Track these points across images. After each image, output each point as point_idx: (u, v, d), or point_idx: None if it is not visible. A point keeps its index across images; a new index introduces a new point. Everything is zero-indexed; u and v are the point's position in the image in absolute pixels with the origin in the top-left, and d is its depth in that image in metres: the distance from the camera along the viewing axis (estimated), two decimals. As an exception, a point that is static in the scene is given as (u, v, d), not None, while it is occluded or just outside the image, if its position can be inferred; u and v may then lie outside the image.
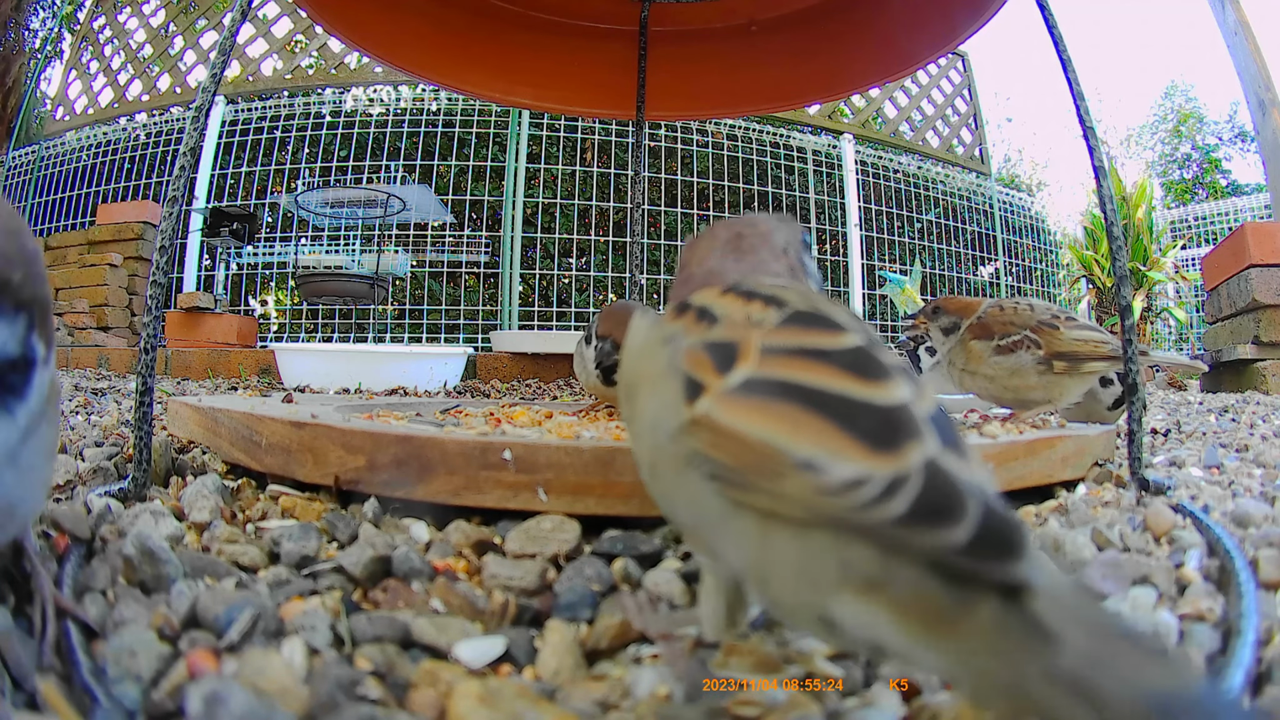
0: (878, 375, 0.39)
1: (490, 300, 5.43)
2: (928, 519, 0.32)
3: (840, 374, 0.39)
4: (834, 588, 0.34)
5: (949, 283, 6.50)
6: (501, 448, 0.71)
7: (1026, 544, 0.32)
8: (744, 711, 0.42)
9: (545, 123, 5.62)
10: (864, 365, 0.39)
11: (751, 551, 0.38)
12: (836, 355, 0.40)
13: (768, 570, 0.37)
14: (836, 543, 0.34)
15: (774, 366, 0.40)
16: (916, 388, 0.40)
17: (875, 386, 0.38)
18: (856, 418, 0.36)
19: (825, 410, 0.37)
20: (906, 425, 0.36)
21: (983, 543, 0.31)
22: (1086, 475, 1.00)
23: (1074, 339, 1.26)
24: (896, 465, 0.33)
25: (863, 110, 6.52)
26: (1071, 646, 0.29)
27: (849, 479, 0.33)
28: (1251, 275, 3.91)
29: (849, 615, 0.34)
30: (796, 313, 0.44)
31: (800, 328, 0.43)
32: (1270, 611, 0.54)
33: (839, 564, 0.34)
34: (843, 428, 0.36)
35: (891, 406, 0.37)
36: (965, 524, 0.31)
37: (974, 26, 1.40)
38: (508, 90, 1.92)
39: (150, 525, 0.66)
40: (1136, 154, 16.01)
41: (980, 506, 0.32)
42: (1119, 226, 0.96)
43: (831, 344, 0.41)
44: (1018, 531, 0.32)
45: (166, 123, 5.86)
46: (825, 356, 0.40)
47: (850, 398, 0.37)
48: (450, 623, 0.52)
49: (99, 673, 0.44)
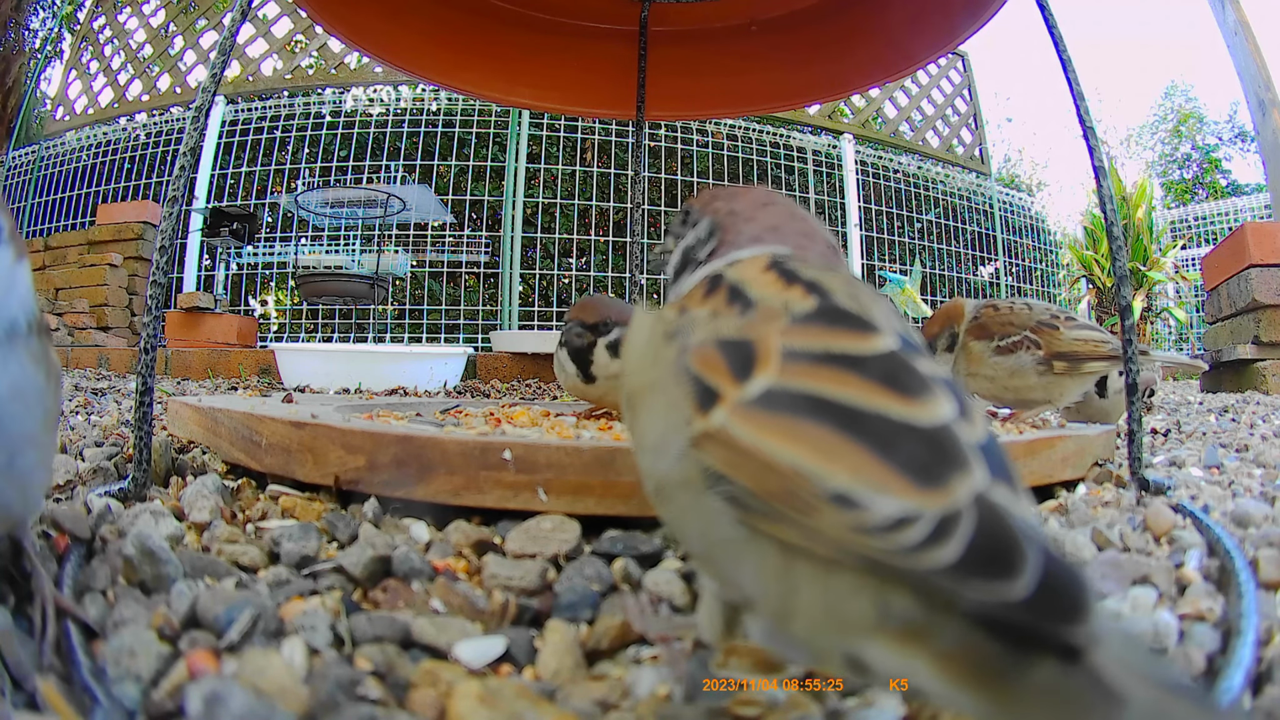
0: (916, 390, 0.34)
1: (490, 300, 5.43)
2: (982, 568, 0.28)
3: (874, 389, 0.34)
4: (867, 632, 0.31)
5: (949, 283, 6.50)
6: (501, 448, 0.71)
7: (1092, 600, 0.28)
8: (744, 711, 0.42)
9: (545, 123, 5.62)
10: (900, 377, 0.35)
11: (771, 585, 0.34)
12: (869, 364, 0.36)
13: (790, 607, 0.34)
14: (873, 584, 0.31)
15: (799, 376, 0.36)
16: (959, 402, 0.35)
17: (915, 404, 0.34)
18: (896, 443, 0.32)
19: (861, 434, 0.32)
20: (953, 453, 0.32)
21: (1046, 599, 0.28)
22: (1086, 475, 1.00)
23: (1074, 339, 1.26)
24: (945, 502, 0.30)
25: (863, 110, 6.52)
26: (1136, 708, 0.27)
27: (892, 517, 0.29)
28: (1251, 275, 3.91)
29: (883, 660, 0.31)
30: (830, 308, 0.39)
31: (828, 326, 0.38)
32: (1270, 611, 0.54)
33: (875, 608, 0.31)
34: (881, 456, 0.31)
35: (934, 428, 0.33)
36: (1025, 577, 0.28)
37: (974, 26, 1.40)
38: (508, 90, 1.92)
39: (150, 525, 0.66)
40: (1136, 154, 16.02)
41: (1040, 555, 0.28)
42: (1119, 226, 0.96)
43: (862, 349, 0.37)
44: (1082, 586, 0.28)
45: (166, 123, 5.86)
46: (856, 365, 0.36)
47: (888, 418, 0.33)
48: (450, 623, 0.52)
49: (99, 673, 0.44)
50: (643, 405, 0.42)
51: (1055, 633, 0.28)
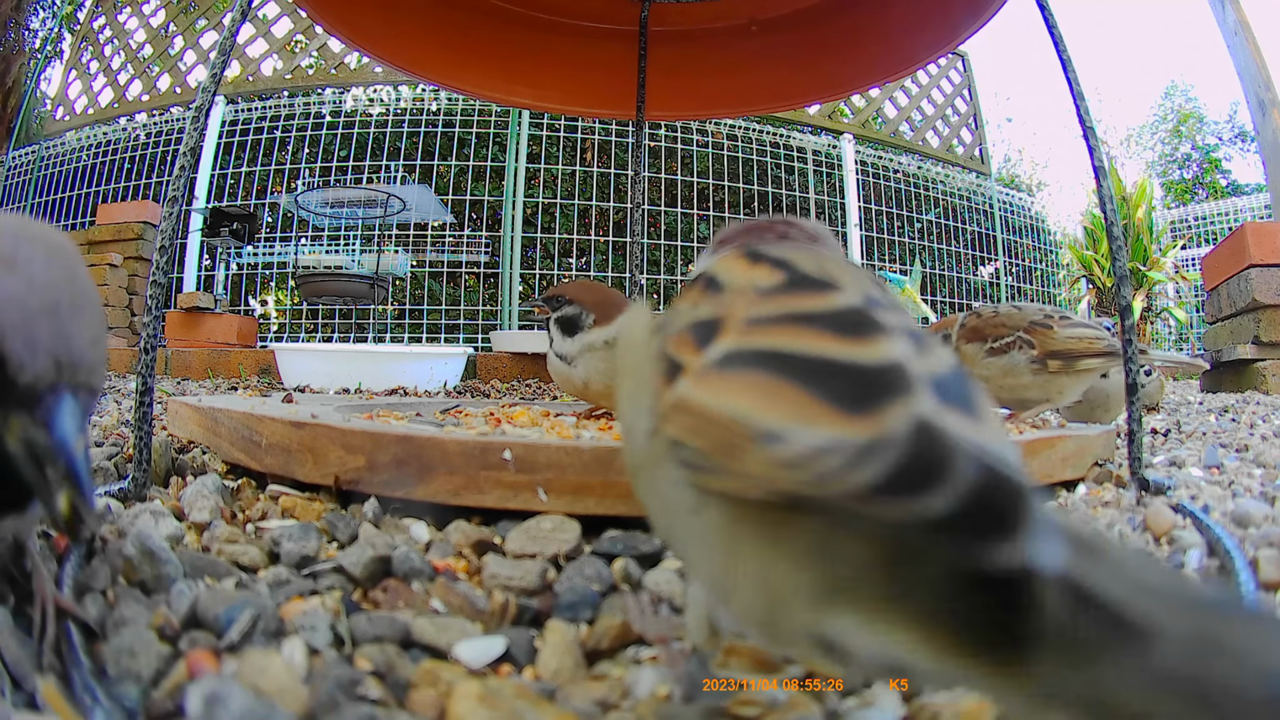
0: (867, 332, 0.33)
1: (490, 300, 5.43)
2: (903, 487, 0.26)
3: (822, 335, 0.33)
4: (824, 602, 0.29)
5: (949, 283, 6.50)
6: (501, 448, 0.71)
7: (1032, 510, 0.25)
8: (744, 711, 0.42)
9: (545, 123, 5.62)
10: (853, 324, 0.34)
11: (718, 553, 0.33)
12: (824, 317, 0.35)
13: (735, 577, 0.32)
14: (821, 537, 0.28)
15: (756, 336, 0.35)
16: (920, 345, 0.34)
17: (860, 345, 0.33)
18: (833, 380, 0.31)
19: (798, 375, 0.31)
20: (893, 384, 0.30)
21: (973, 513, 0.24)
22: (1086, 475, 1.00)
23: (1068, 337, 1.26)
24: (873, 428, 0.28)
25: (863, 110, 6.52)
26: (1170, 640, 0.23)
27: (814, 447, 0.27)
28: (1251, 275, 3.91)
29: (852, 636, 0.28)
30: (796, 277, 0.39)
31: (792, 293, 0.38)
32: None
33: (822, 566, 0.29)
34: (814, 392, 0.30)
35: (879, 365, 0.31)
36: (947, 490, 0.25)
37: (974, 26, 1.40)
38: (508, 90, 1.92)
39: (150, 525, 0.66)
40: (1136, 154, 16.02)
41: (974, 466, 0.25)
42: (1119, 226, 0.96)
43: (821, 306, 0.36)
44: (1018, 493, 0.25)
45: (166, 123, 5.86)
46: (810, 320, 0.35)
47: (830, 359, 0.32)
48: (450, 623, 0.52)
49: (99, 673, 0.44)
50: (625, 393, 0.43)
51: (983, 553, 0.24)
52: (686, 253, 5.69)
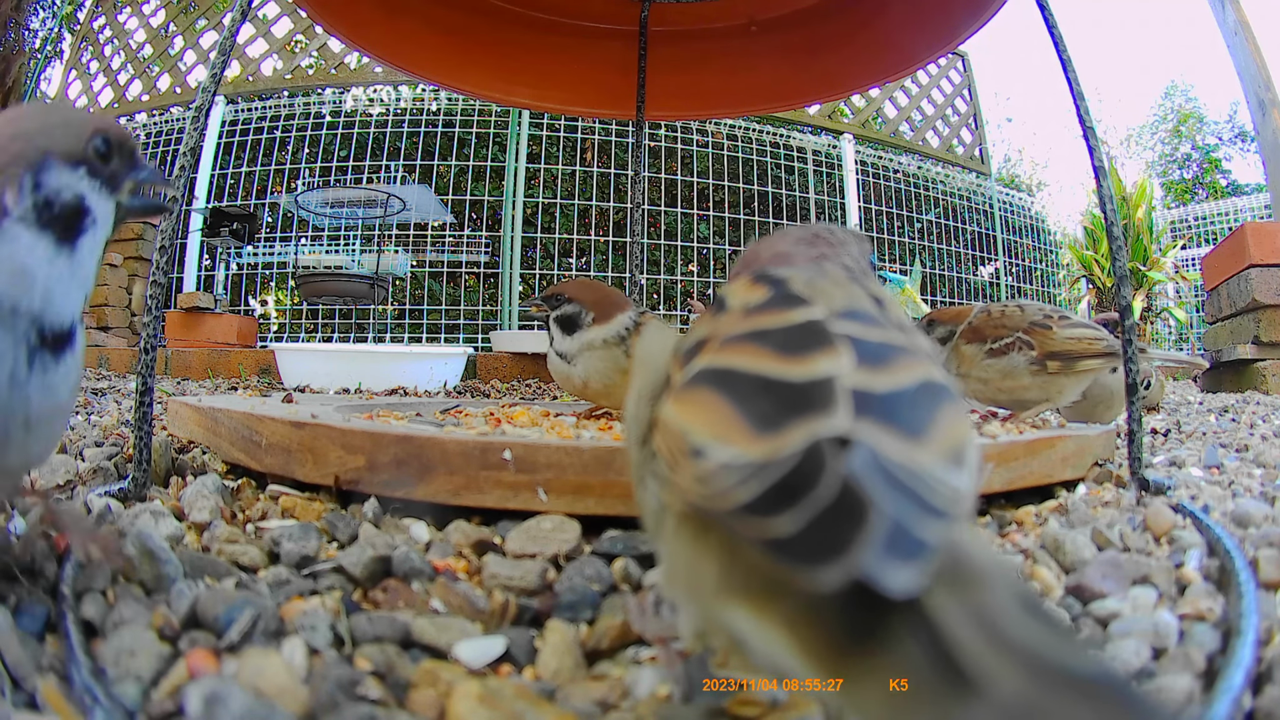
0: (807, 349, 0.34)
1: (490, 300, 5.43)
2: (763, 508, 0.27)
3: (765, 354, 0.35)
4: (725, 595, 0.31)
5: (949, 283, 6.50)
6: (501, 448, 0.71)
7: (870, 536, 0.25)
8: (744, 711, 0.42)
9: (545, 123, 5.62)
10: (799, 341, 0.35)
11: (667, 553, 0.37)
12: (775, 334, 0.36)
13: (674, 571, 0.36)
14: (728, 543, 0.31)
15: (721, 355, 0.37)
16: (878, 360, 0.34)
17: (795, 362, 0.33)
18: (759, 397, 0.32)
19: (734, 393, 0.33)
20: (811, 401, 0.31)
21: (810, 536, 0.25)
22: (1086, 475, 1.00)
23: (1067, 338, 1.26)
24: (771, 449, 0.29)
25: (863, 110, 6.52)
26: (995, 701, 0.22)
27: (723, 464, 0.29)
28: (1251, 275, 3.91)
29: (747, 632, 0.30)
30: (778, 296, 0.40)
31: (764, 311, 0.39)
32: (1270, 611, 0.54)
33: (727, 568, 0.31)
34: (739, 410, 0.32)
35: (804, 381, 0.32)
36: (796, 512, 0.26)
37: (974, 26, 1.40)
38: (508, 90, 1.92)
39: (150, 525, 0.66)
40: (1136, 154, 16.02)
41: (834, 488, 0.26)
42: (1119, 226, 0.96)
43: (778, 323, 0.37)
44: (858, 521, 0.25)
45: (166, 123, 5.86)
46: (762, 337, 0.36)
47: (764, 376, 0.33)
48: (450, 623, 0.52)
49: (99, 673, 0.44)
50: (630, 402, 0.45)
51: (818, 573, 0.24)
52: (686, 253, 5.69)
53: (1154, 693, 0.44)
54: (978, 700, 0.22)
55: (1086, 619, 0.56)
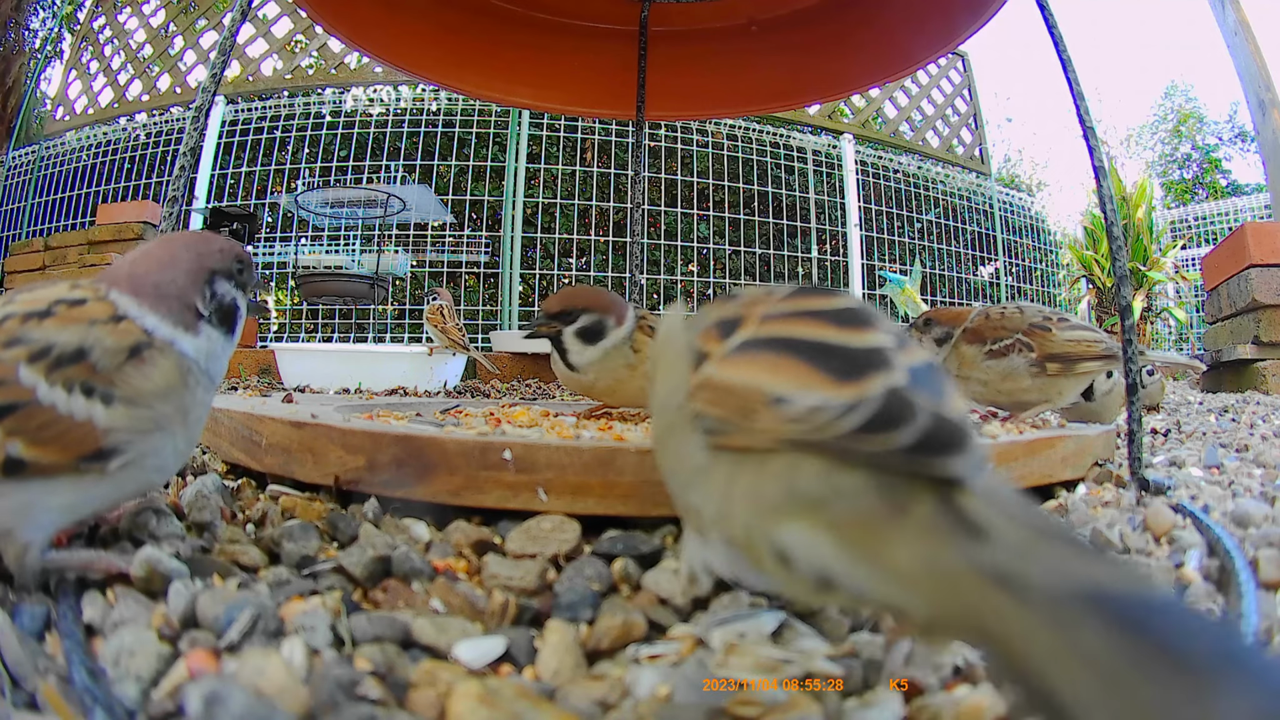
0: (860, 324, 0.42)
1: (490, 300, 5.42)
2: (880, 429, 0.35)
3: (824, 325, 0.42)
4: (781, 512, 0.38)
5: (949, 283, 6.50)
6: (501, 448, 0.71)
7: (969, 443, 0.34)
8: (744, 711, 0.42)
9: (545, 123, 5.61)
10: (849, 318, 0.43)
11: (719, 492, 0.42)
12: (827, 313, 0.44)
13: (730, 506, 0.41)
14: (788, 467, 0.38)
15: (769, 327, 0.44)
16: (902, 341, 0.42)
17: (854, 333, 0.41)
18: (829, 358, 0.39)
19: (802, 354, 0.40)
20: (876, 362, 0.39)
21: (926, 442, 0.34)
22: (1086, 475, 1.00)
23: (1067, 340, 1.26)
24: (858, 392, 0.37)
25: (863, 110, 6.52)
26: (1000, 541, 0.30)
27: (812, 406, 0.37)
28: (1251, 275, 3.91)
29: (797, 543, 0.37)
30: (802, 288, 0.48)
31: (801, 296, 0.47)
32: (1270, 611, 0.54)
33: (787, 487, 0.37)
34: (815, 366, 0.39)
35: (868, 348, 0.40)
36: (912, 428, 0.34)
37: (974, 26, 1.40)
38: (508, 90, 1.92)
39: (150, 525, 0.66)
40: (1136, 154, 16.01)
41: (930, 416, 0.35)
42: (1119, 226, 0.96)
43: (825, 305, 0.45)
44: (961, 432, 0.35)
45: (166, 123, 5.86)
46: (816, 314, 0.44)
47: (828, 343, 0.41)
48: (450, 623, 0.52)
49: (98, 673, 0.44)
50: (659, 376, 0.52)
51: (931, 465, 0.34)
52: (686, 253, 5.69)
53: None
54: (989, 542, 0.31)
55: (1086, 619, 0.56)
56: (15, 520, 0.52)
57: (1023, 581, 0.28)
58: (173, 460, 0.60)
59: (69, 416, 0.52)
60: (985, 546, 0.30)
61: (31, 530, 0.53)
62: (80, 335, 0.54)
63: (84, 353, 0.53)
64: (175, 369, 0.58)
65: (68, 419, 0.52)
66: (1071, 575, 0.27)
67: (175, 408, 0.58)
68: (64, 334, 0.54)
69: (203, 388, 0.61)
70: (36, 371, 0.52)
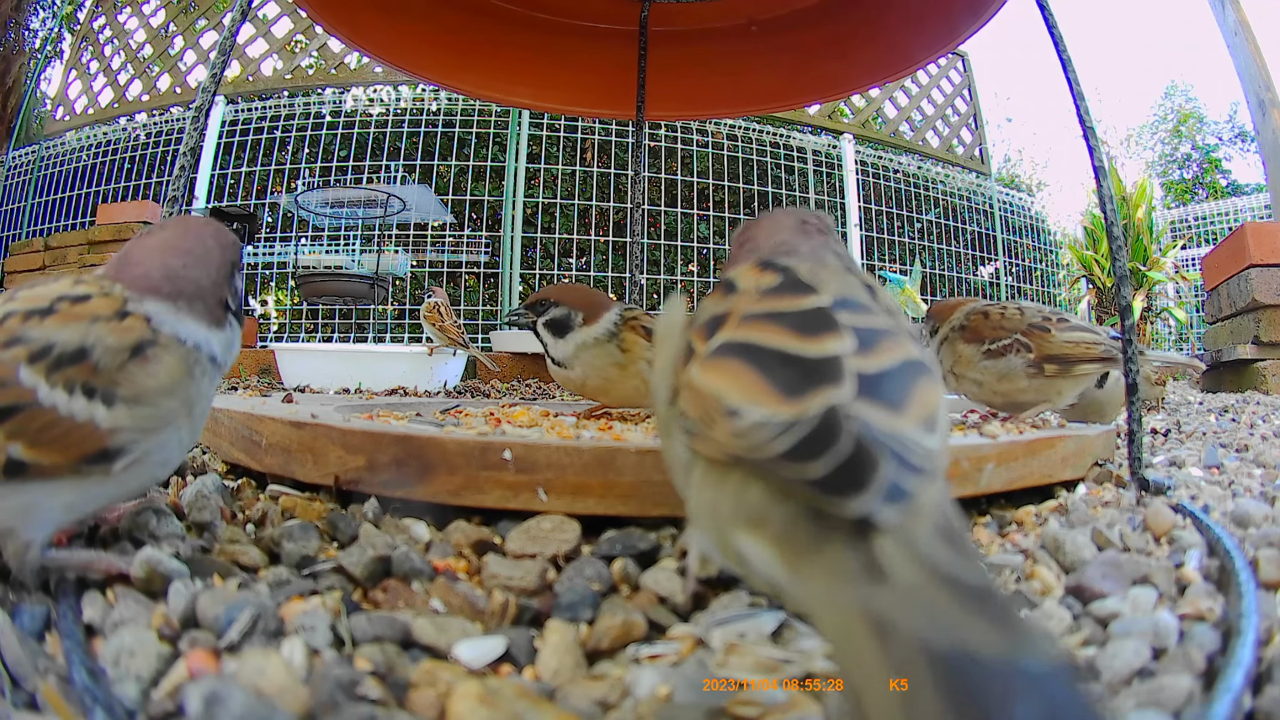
0: (821, 331, 0.43)
1: (490, 300, 5.43)
2: (800, 456, 0.35)
3: (784, 333, 0.43)
4: (734, 523, 0.39)
5: (949, 283, 6.50)
6: (501, 448, 0.71)
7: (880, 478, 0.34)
8: (744, 711, 0.42)
9: (545, 123, 5.61)
10: (812, 323, 0.43)
11: (695, 494, 0.44)
12: (791, 316, 0.44)
13: (701, 508, 0.43)
14: (741, 484, 0.39)
15: (742, 330, 0.45)
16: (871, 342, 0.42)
17: (810, 341, 0.42)
18: (783, 369, 0.40)
19: (760, 364, 0.41)
20: (825, 374, 0.39)
21: (834, 478, 0.34)
22: (1086, 475, 1.00)
23: (1065, 341, 1.25)
24: (798, 410, 0.37)
25: (863, 110, 6.52)
26: (896, 586, 0.31)
27: (757, 421, 0.38)
28: (1251, 275, 3.91)
29: (747, 549, 0.39)
30: (788, 281, 0.48)
31: (778, 295, 0.47)
32: (1270, 611, 0.54)
33: (739, 502, 0.39)
34: (766, 378, 0.40)
35: (820, 358, 0.41)
36: (827, 458, 0.35)
37: (974, 26, 1.40)
38: (508, 90, 1.92)
39: (150, 525, 0.66)
40: (1136, 154, 16.00)
41: (851, 444, 0.35)
42: (1119, 226, 0.96)
43: (793, 306, 0.45)
44: (873, 466, 0.35)
45: (166, 123, 5.85)
46: (781, 318, 0.44)
47: (785, 352, 0.41)
48: (450, 623, 0.52)
49: (98, 673, 0.44)
50: (658, 368, 0.53)
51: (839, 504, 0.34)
52: (686, 253, 5.69)
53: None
54: (885, 585, 0.32)
55: (1086, 619, 0.56)
56: (17, 520, 0.52)
57: (892, 629, 0.29)
58: (177, 453, 0.60)
59: (70, 418, 0.51)
60: (875, 588, 0.31)
61: (33, 530, 0.53)
62: (81, 334, 0.54)
63: (85, 352, 0.53)
64: (180, 363, 0.58)
65: (69, 421, 0.51)
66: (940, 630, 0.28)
67: (181, 401, 0.58)
68: (65, 333, 0.53)
69: (209, 378, 0.62)
70: (37, 372, 0.51)
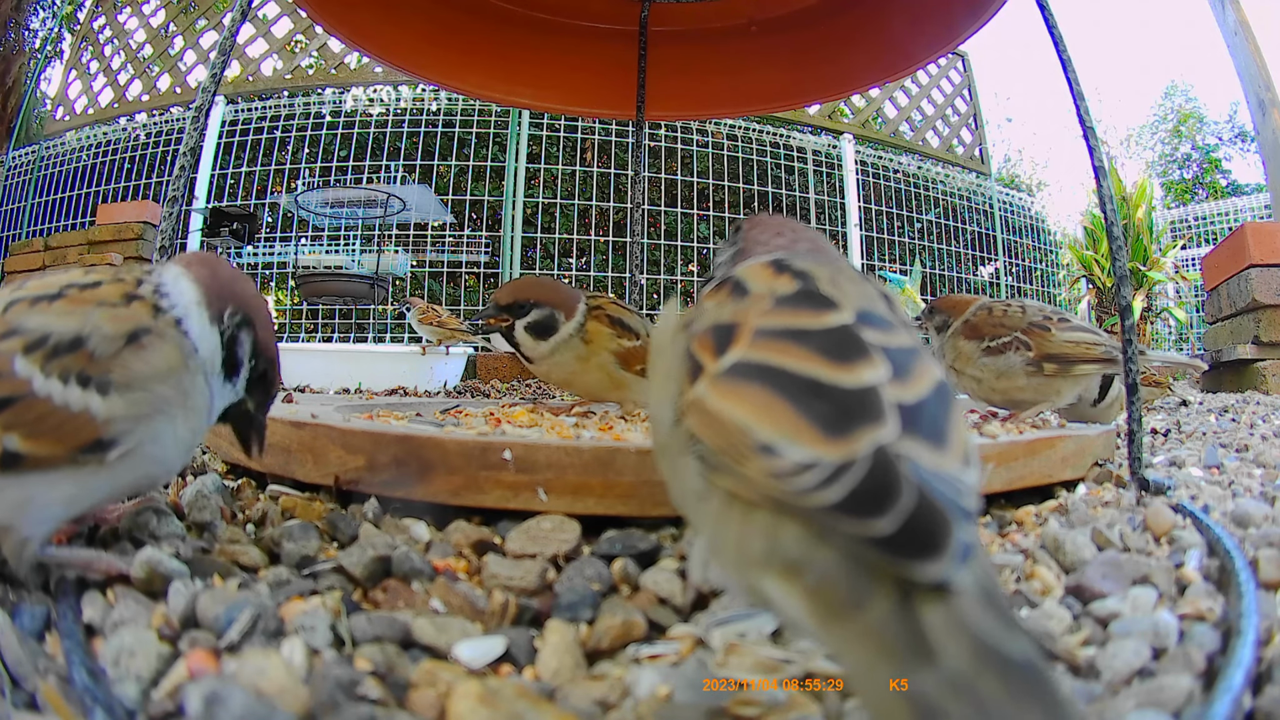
0: (852, 356, 0.39)
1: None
2: (858, 508, 0.32)
3: (813, 356, 0.39)
4: (765, 567, 0.36)
5: (949, 283, 6.49)
6: (501, 448, 0.71)
7: (950, 540, 0.31)
8: (744, 711, 0.42)
9: (545, 123, 5.61)
10: (841, 346, 0.39)
11: (712, 525, 0.41)
12: (816, 336, 0.40)
13: (721, 544, 0.40)
14: (772, 525, 0.36)
15: (759, 349, 0.40)
16: (902, 367, 0.39)
17: (844, 369, 0.38)
18: (818, 401, 0.36)
19: (790, 394, 0.37)
20: (867, 409, 0.36)
21: (901, 538, 0.31)
22: (1087, 475, 1.00)
23: (1065, 340, 1.25)
24: (844, 451, 0.33)
25: (863, 110, 6.51)
26: (944, 669, 0.28)
27: (799, 463, 0.34)
28: (1251, 275, 3.91)
29: (774, 593, 0.36)
30: (807, 291, 0.44)
31: (795, 307, 0.43)
32: (1270, 611, 0.54)
33: (770, 546, 0.36)
34: (802, 412, 0.36)
35: (857, 389, 0.37)
36: (892, 515, 0.31)
37: (974, 26, 1.40)
38: (508, 90, 1.92)
39: (150, 525, 0.65)
40: (1136, 154, 15.99)
41: (914, 498, 0.31)
42: (1119, 226, 0.96)
43: (815, 324, 0.41)
44: (944, 526, 0.31)
45: (166, 123, 5.85)
46: (805, 338, 0.40)
47: (818, 380, 0.37)
48: (450, 623, 0.52)
49: (98, 673, 0.44)
50: (655, 381, 0.49)
51: (910, 568, 0.30)
52: (686, 253, 5.69)
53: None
54: (932, 667, 0.29)
55: (1086, 619, 0.56)
56: (14, 514, 0.52)
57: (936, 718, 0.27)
58: (174, 451, 0.59)
59: (65, 408, 0.51)
60: (921, 670, 0.29)
61: (31, 525, 0.53)
62: (80, 322, 0.53)
63: (81, 341, 0.53)
64: (177, 351, 0.57)
65: (64, 410, 0.51)
66: None
67: (175, 389, 0.57)
68: (63, 321, 0.53)
69: (206, 383, 0.61)
70: (33, 362, 0.51)
